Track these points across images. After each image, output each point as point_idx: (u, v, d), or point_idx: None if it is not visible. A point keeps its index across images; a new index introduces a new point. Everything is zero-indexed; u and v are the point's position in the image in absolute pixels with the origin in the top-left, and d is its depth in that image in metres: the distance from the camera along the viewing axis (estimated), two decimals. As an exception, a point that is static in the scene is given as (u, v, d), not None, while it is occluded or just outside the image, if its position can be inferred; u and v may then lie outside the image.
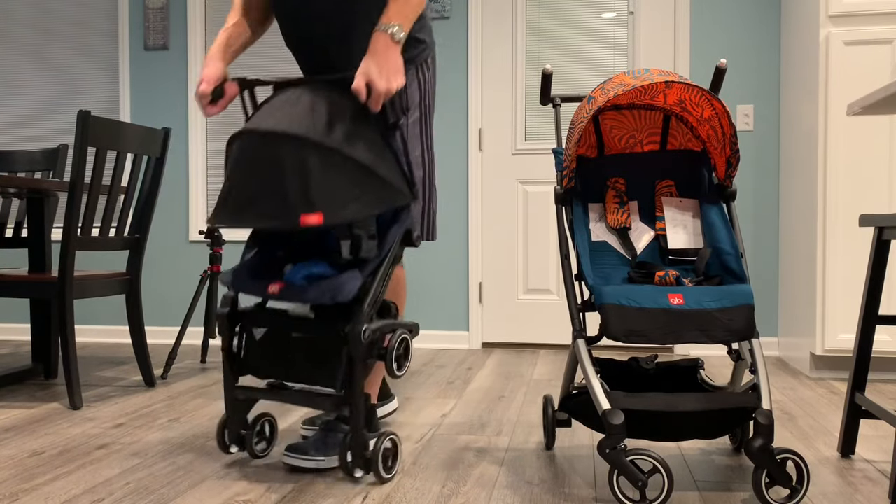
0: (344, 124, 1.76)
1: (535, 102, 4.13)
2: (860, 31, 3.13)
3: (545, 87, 2.18)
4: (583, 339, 1.84)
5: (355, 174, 1.74)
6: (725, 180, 1.99)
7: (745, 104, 3.91)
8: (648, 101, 2.02)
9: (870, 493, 1.81)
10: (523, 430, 2.40)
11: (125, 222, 2.93)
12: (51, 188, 2.82)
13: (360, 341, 1.77)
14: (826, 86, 3.16)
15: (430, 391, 2.98)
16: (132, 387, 3.05)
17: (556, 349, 4.07)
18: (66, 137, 4.53)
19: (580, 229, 1.97)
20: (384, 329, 1.85)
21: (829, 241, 3.16)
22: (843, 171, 3.15)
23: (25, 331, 4.56)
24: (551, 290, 4.10)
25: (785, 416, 2.59)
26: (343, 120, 1.77)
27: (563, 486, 1.86)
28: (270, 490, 1.83)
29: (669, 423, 1.73)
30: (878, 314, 2.05)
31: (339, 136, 1.73)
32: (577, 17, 4.08)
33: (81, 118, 2.59)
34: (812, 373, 3.29)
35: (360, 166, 1.75)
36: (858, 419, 2.09)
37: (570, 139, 1.94)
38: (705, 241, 1.97)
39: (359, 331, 1.76)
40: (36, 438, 2.29)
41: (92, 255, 4.49)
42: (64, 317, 2.65)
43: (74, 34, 4.52)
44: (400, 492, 1.82)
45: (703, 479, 1.91)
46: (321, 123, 1.72)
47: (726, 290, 1.78)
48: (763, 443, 1.65)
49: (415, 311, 4.19)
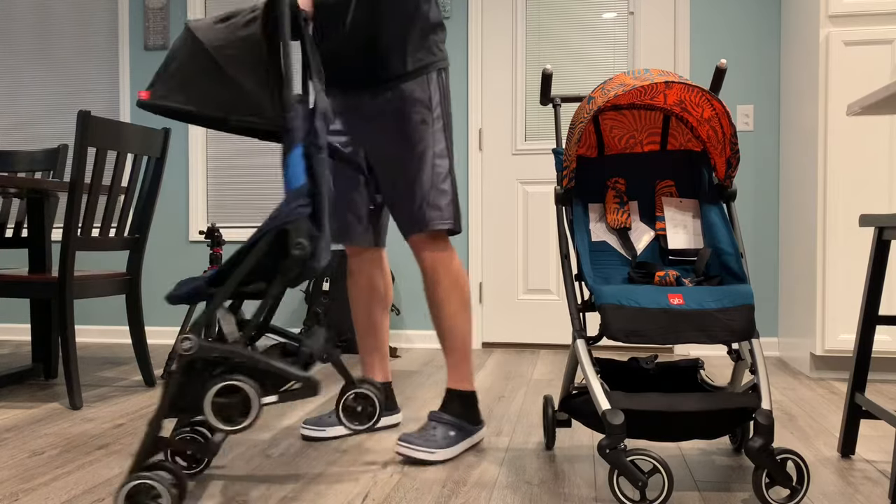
0: (238, 31, 1.69)
1: (535, 102, 4.13)
2: (860, 31, 3.13)
3: (545, 88, 2.19)
4: (583, 339, 1.84)
5: (209, 73, 1.66)
6: (725, 180, 1.99)
7: (745, 104, 3.91)
8: (648, 102, 2.02)
9: (870, 493, 1.81)
10: (523, 430, 2.40)
11: (125, 222, 2.93)
12: (51, 188, 2.82)
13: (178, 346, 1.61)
14: (826, 86, 3.16)
15: (430, 391, 2.98)
16: (132, 387, 3.05)
17: (556, 349, 4.07)
18: (66, 137, 4.53)
19: (580, 229, 1.97)
20: (219, 352, 1.60)
21: (829, 241, 3.16)
22: (843, 171, 3.15)
23: (25, 331, 4.56)
24: (551, 290, 4.10)
25: (785, 416, 2.59)
26: (239, 30, 1.70)
27: (563, 486, 1.86)
28: (270, 490, 1.83)
29: (669, 423, 1.73)
30: (878, 314, 2.05)
31: (223, 36, 1.68)
32: (577, 17, 4.08)
33: (81, 118, 2.59)
34: (812, 373, 3.29)
35: (216, 66, 1.66)
36: (858, 419, 2.09)
37: (570, 139, 1.94)
38: (705, 241, 1.98)
39: (180, 339, 1.61)
40: (36, 438, 2.29)
41: (92, 255, 4.49)
42: (64, 317, 2.65)
43: (74, 34, 4.52)
44: (400, 492, 1.82)
45: (703, 479, 1.91)
46: (222, 29, 1.70)
47: (726, 290, 1.78)
48: (763, 443, 1.65)
49: (415, 311, 4.19)
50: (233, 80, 1.64)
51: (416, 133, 2.12)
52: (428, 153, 2.14)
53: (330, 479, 1.92)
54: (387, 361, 2.39)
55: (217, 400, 1.56)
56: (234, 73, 1.64)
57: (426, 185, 2.13)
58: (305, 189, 1.60)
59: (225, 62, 1.64)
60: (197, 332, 1.60)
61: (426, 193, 2.13)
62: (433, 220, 2.14)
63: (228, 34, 1.66)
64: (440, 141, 2.16)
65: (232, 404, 1.55)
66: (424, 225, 2.13)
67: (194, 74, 1.66)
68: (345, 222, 2.25)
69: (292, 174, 1.60)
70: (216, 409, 1.56)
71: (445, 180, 2.16)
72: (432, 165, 2.14)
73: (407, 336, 4.19)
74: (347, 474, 1.95)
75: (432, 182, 2.14)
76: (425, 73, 2.13)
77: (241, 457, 2.10)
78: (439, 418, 2.14)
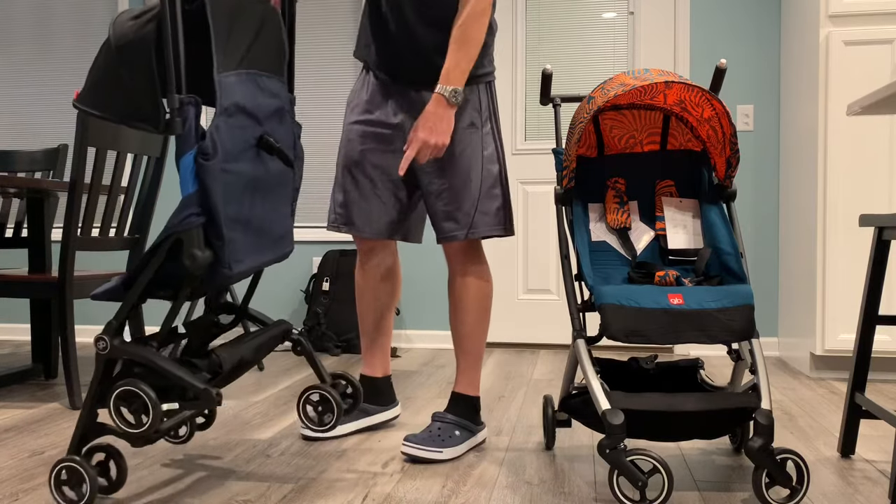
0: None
1: (535, 102, 4.13)
2: (860, 31, 3.13)
3: (545, 88, 2.19)
4: (583, 339, 1.84)
5: (110, 74, 1.56)
6: (725, 180, 1.99)
7: (745, 104, 3.91)
8: (648, 102, 2.02)
9: (870, 493, 1.81)
10: (523, 430, 2.40)
11: (125, 222, 2.93)
12: (51, 188, 2.82)
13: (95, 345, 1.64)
14: (826, 86, 3.16)
15: (430, 391, 2.98)
16: (132, 387, 3.05)
17: (556, 349, 4.07)
18: (66, 137, 4.53)
19: (580, 229, 1.97)
20: (129, 354, 1.61)
21: (829, 241, 3.16)
22: (843, 171, 3.15)
23: (25, 331, 4.56)
24: (551, 290, 4.10)
25: (785, 416, 2.59)
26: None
27: (563, 486, 1.86)
28: (270, 490, 1.83)
29: (669, 423, 1.73)
30: (878, 314, 2.05)
31: (127, 33, 1.56)
32: (577, 16, 4.08)
33: (81, 118, 2.59)
34: (812, 373, 3.29)
35: (116, 68, 1.55)
36: (858, 419, 2.09)
37: (570, 139, 1.94)
38: (705, 241, 1.98)
39: (98, 336, 1.64)
40: (36, 438, 2.29)
41: (92, 255, 4.49)
42: (64, 317, 2.65)
43: (74, 34, 4.52)
44: (400, 491, 1.82)
45: (703, 479, 1.91)
46: (129, 26, 1.58)
47: (726, 290, 1.78)
48: (763, 443, 1.65)
49: (415, 311, 4.19)
50: (127, 83, 1.54)
51: (464, 136, 2.10)
52: (476, 157, 2.12)
53: (330, 478, 1.92)
54: (388, 356, 2.39)
55: (119, 402, 1.57)
56: (128, 76, 1.53)
57: (475, 191, 2.11)
58: (195, 198, 1.55)
59: (122, 63, 1.54)
60: (110, 333, 1.62)
61: (475, 199, 2.11)
62: (482, 227, 2.12)
63: (130, 32, 1.53)
64: (489, 145, 2.14)
65: (134, 408, 1.57)
66: (473, 231, 2.11)
67: (102, 76, 1.56)
68: (369, 212, 2.20)
69: (182, 182, 1.55)
70: (117, 410, 1.57)
71: (496, 185, 2.14)
72: (481, 170, 2.12)
73: (407, 336, 4.19)
74: (347, 474, 1.95)
75: (481, 188, 2.12)
76: (475, 82, 2.12)
77: (241, 457, 2.10)
78: (443, 418, 2.15)
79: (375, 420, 2.36)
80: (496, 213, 2.14)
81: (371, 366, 2.37)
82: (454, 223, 2.12)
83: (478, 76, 2.11)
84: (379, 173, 2.18)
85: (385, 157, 2.18)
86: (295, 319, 4.29)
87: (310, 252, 4.27)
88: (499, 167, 2.16)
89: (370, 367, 2.37)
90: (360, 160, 2.19)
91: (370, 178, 2.19)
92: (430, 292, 4.16)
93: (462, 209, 2.11)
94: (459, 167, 2.10)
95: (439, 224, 2.14)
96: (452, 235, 2.12)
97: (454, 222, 2.12)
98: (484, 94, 2.15)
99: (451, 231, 2.12)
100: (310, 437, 2.28)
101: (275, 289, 4.30)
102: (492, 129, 2.16)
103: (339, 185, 2.22)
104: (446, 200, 2.11)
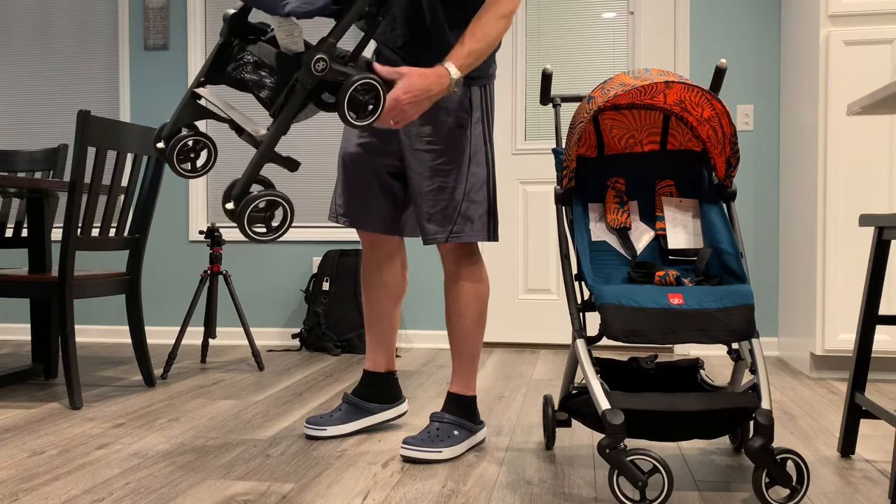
0: None
1: (535, 102, 4.13)
2: (860, 31, 3.13)
3: (545, 87, 2.18)
4: (583, 339, 1.84)
5: None
6: (725, 180, 1.99)
7: (745, 104, 3.91)
8: (648, 101, 2.02)
9: (870, 493, 1.81)
10: (523, 430, 2.40)
11: (125, 222, 2.93)
12: (51, 188, 2.82)
13: (310, 70, 1.66)
14: (826, 86, 3.16)
15: (430, 391, 2.98)
16: (132, 387, 3.05)
17: (556, 349, 4.07)
18: (66, 137, 4.53)
19: (580, 229, 1.97)
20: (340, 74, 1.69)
21: (829, 241, 3.16)
22: (843, 171, 3.15)
23: (25, 331, 4.56)
24: (551, 290, 4.10)
25: (785, 416, 2.59)
26: None
27: (563, 486, 1.86)
28: (270, 490, 1.83)
29: (669, 423, 1.73)
30: (878, 314, 2.05)
31: None
32: (577, 17, 4.08)
33: (81, 118, 2.59)
34: (812, 373, 3.29)
35: None
36: (858, 419, 2.09)
37: (570, 139, 1.94)
38: (705, 241, 1.98)
39: (309, 59, 1.66)
40: (36, 438, 2.29)
41: (92, 255, 4.49)
42: (64, 317, 2.65)
43: (74, 34, 4.52)
44: (400, 491, 1.82)
45: (703, 479, 1.91)
46: None
47: (726, 290, 1.78)
48: (763, 443, 1.65)
49: (415, 311, 4.19)
50: None
51: (451, 137, 2.07)
52: (462, 160, 2.09)
53: (330, 479, 1.92)
54: (392, 351, 2.37)
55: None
56: None
57: (458, 194, 2.08)
58: None
59: None
60: (330, 54, 1.67)
61: (458, 203, 2.08)
62: (465, 231, 2.10)
63: None
64: (478, 148, 2.11)
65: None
66: (455, 235, 2.09)
67: None
68: (366, 206, 2.19)
69: None
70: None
71: (481, 189, 2.12)
72: (466, 173, 2.09)
73: (407, 336, 4.19)
74: (347, 474, 1.95)
75: (465, 191, 2.09)
76: (470, 84, 2.08)
77: (241, 457, 2.10)
78: (441, 419, 2.14)
79: (378, 419, 2.35)
80: (480, 218, 2.11)
81: (373, 360, 2.35)
82: (436, 225, 2.10)
83: (474, 77, 2.08)
84: (374, 169, 2.18)
85: (381, 153, 2.17)
86: (295, 319, 4.29)
87: (310, 252, 4.27)
88: (486, 171, 2.13)
89: (372, 362, 2.35)
90: (357, 155, 2.20)
91: (366, 172, 2.19)
92: (430, 292, 4.16)
93: (444, 212, 2.08)
94: (443, 169, 2.08)
95: (422, 225, 2.12)
96: (433, 238, 2.10)
97: (436, 224, 2.10)
98: (476, 96, 2.11)
99: (433, 234, 2.10)
100: (311, 437, 2.28)
101: (275, 289, 4.30)
102: (483, 132, 2.13)
103: (339, 179, 2.24)
104: (430, 202, 2.09)
